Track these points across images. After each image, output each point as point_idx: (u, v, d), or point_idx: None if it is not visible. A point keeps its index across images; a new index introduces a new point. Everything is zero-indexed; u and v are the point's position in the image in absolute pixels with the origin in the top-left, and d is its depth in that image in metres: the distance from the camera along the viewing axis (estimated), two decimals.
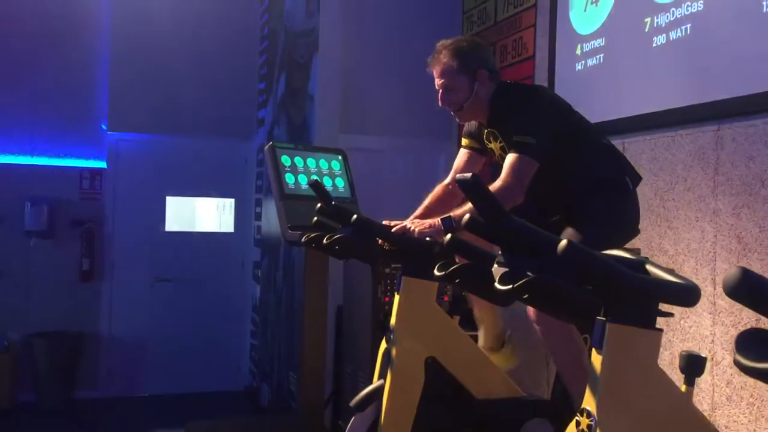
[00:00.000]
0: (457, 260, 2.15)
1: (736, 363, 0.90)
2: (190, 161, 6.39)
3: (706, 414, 2.61)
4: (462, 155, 2.85)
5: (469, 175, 1.41)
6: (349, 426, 2.45)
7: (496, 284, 1.32)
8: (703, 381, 2.86)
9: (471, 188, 1.41)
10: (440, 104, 2.67)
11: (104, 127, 6.14)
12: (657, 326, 1.44)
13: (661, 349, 3.03)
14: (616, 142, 3.20)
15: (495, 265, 1.48)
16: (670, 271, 1.43)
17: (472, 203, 1.45)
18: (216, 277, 6.46)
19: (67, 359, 5.81)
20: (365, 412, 2.43)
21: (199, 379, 6.25)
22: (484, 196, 1.40)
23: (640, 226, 2.66)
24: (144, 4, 6.11)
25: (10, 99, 5.93)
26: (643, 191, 3.09)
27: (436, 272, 1.71)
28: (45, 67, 6.00)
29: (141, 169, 6.26)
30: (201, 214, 6.58)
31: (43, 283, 5.91)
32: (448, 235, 1.70)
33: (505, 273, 1.34)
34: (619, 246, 2.12)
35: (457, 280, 1.70)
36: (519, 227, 1.36)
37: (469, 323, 2.82)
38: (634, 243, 2.87)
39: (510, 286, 1.29)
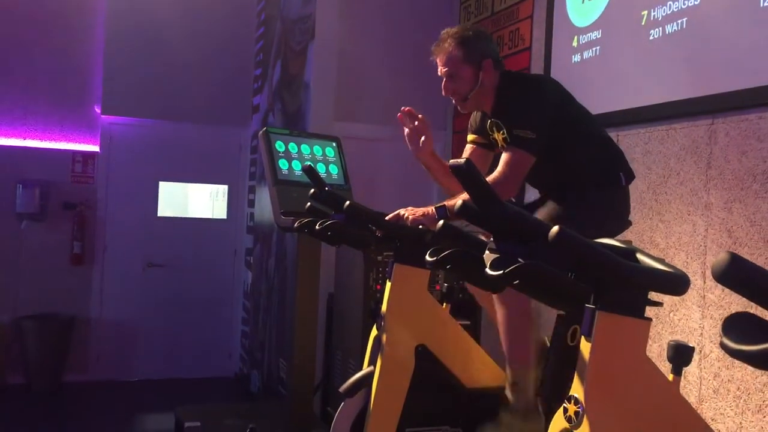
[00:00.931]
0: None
1: (722, 346, 0.91)
2: (184, 147, 6.38)
3: (693, 406, 2.63)
4: (466, 151, 2.83)
5: (462, 160, 1.41)
6: (338, 412, 2.46)
7: (487, 270, 1.33)
8: (691, 374, 2.88)
9: (464, 174, 1.41)
10: (444, 93, 2.65)
11: (98, 110, 6.11)
12: (646, 316, 1.45)
13: (651, 342, 3.05)
14: (611, 135, 3.20)
15: (486, 252, 1.49)
16: (660, 260, 1.44)
17: (464, 189, 1.45)
18: (208, 263, 6.45)
19: (57, 342, 5.80)
20: (354, 399, 2.44)
21: (190, 365, 6.26)
22: (476, 183, 1.40)
23: (631, 219, 2.67)
24: None
25: (3, 81, 5.89)
26: (635, 184, 3.09)
27: (427, 258, 1.71)
28: (39, 50, 5.96)
29: (134, 153, 6.23)
30: (194, 200, 6.57)
31: (33, 265, 5.89)
32: (440, 221, 1.70)
33: (496, 259, 1.35)
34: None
35: (448, 266, 1.71)
36: (511, 213, 1.37)
37: (460, 312, 2.83)
38: (626, 235, 2.88)
39: (500, 272, 1.29)
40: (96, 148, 6.13)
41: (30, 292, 5.86)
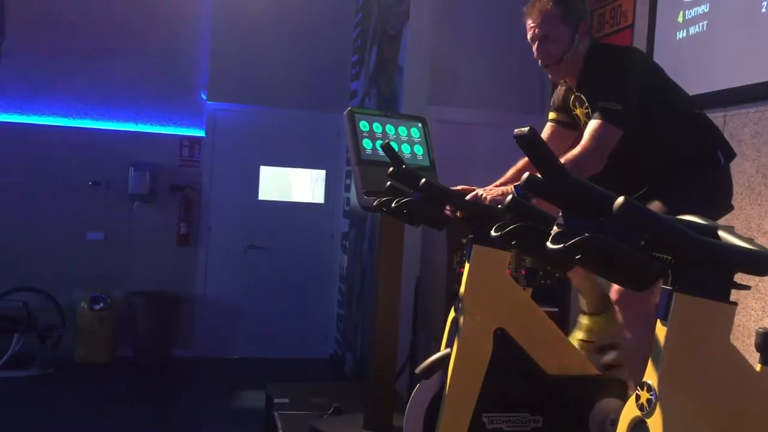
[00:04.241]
0: None
1: None
2: (284, 132, 6.53)
3: None
4: (546, 129, 2.71)
5: (525, 129, 1.34)
6: (413, 394, 2.42)
7: (548, 243, 1.25)
8: None
9: (527, 143, 1.34)
10: (536, 56, 2.51)
11: (204, 96, 6.34)
12: (731, 300, 1.33)
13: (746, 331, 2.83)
14: (717, 115, 2.99)
15: (555, 227, 1.41)
16: (748, 240, 1.31)
17: (528, 159, 1.38)
18: (306, 246, 6.58)
19: (164, 318, 6.10)
20: (430, 381, 2.40)
21: (287, 346, 6.42)
22: (540, 152, 1.33)
23: (739, 205, 2.47)
24: None
25: (116, 69, 6.22)
26: (743, 168, 2.88)
27: (492, 233, 1.64)
28: (150, 40, 6.26)
29: (237, 138, 6.45)
30: (293, 184, 6.71)
31: (143, 244, 6.22)
32: (509, 197, 1.63)
33: (558, 233, 1.27)
34: None
35: (513, 242, 1.63)
36: (577, 184, 1.28)
37: (543, 297, 2.73)
38: (730, 221, 2.68)
39: (561, 246, 1.21)
40: (202, 133, 6.37)
41: (140, 269, 6.19)
